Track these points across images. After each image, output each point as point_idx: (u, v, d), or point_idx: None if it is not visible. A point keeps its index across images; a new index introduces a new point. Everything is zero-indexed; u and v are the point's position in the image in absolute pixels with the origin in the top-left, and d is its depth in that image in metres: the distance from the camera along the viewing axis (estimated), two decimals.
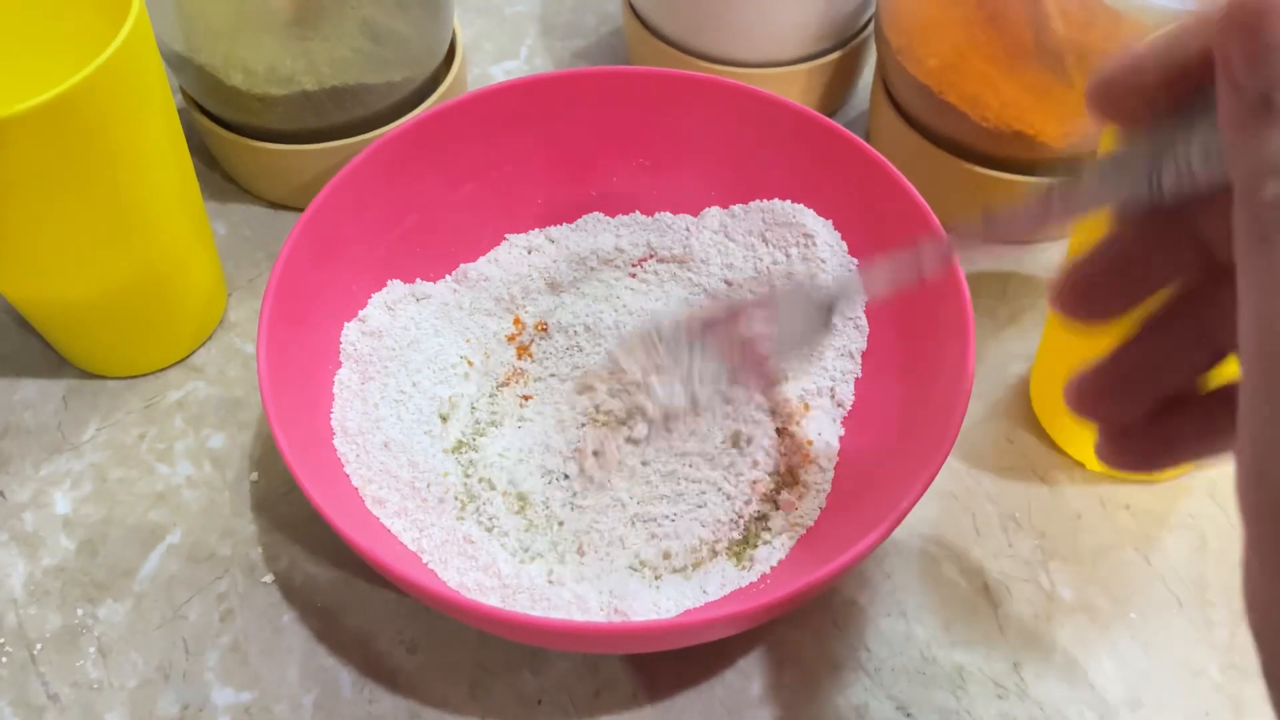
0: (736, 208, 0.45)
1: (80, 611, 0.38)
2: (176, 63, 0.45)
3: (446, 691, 0.37)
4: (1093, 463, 0.41)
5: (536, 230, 0.45)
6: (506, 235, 0.45)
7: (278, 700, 0.36)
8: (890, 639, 0.38)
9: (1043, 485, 0.41)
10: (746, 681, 0.37)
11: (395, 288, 0.42)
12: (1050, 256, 0.47)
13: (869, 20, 0.51)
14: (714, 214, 0.45)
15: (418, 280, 0.43)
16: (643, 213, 0.45)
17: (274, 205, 0.50)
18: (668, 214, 0.45)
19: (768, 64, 0.49)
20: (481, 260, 0.44)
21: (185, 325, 0.44)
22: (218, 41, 0.44)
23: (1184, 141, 0.21)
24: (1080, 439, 0.41)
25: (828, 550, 0.34)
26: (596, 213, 0.45)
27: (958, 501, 0.41)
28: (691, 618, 0.32)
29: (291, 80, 0.45)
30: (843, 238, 0.43)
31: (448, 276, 0.44)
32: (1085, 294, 0.25)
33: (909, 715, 0.36)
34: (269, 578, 0.39)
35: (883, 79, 0.49)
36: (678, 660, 0.37)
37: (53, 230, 0.37)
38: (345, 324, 0.41)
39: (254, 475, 0.42)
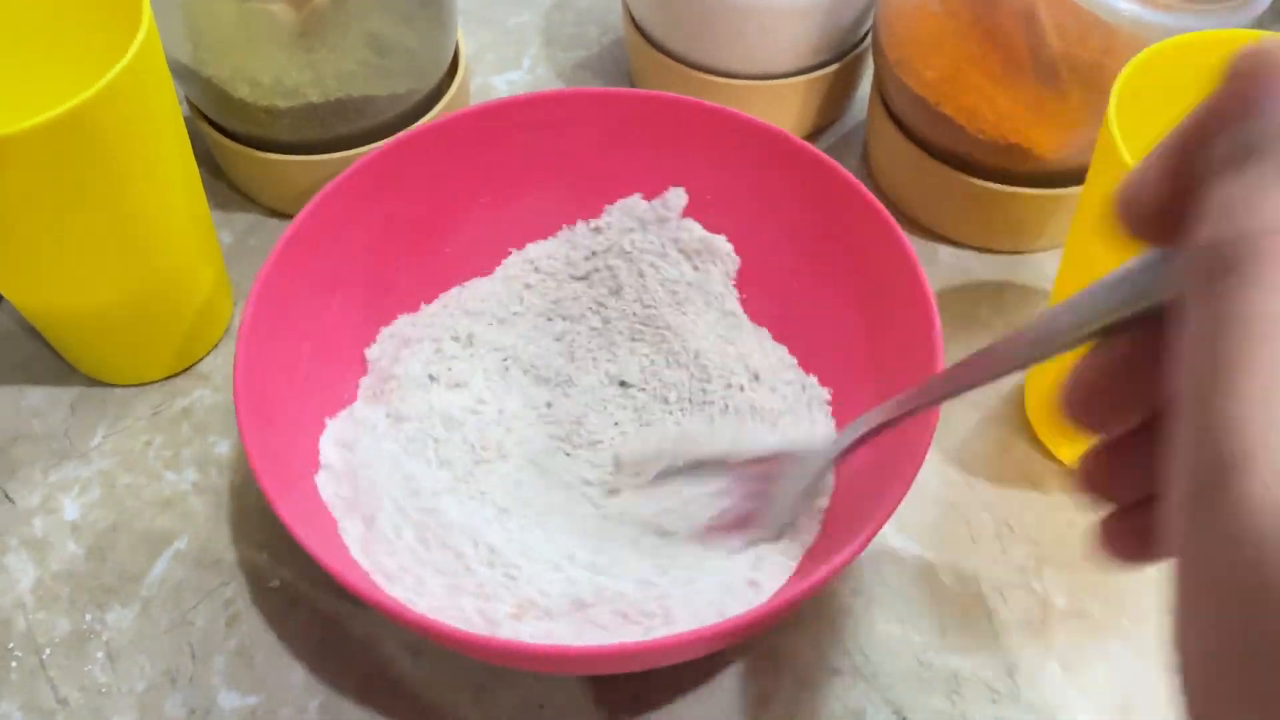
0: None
1: (88, 616, 0.39)
2: (183, 74, 0.46)
3: (450, 697, 0.37)
4: None
5: (404, 315, 0.44)
6: (379, 329, 0.43)
7: (283, 705, 0.37)
8: (886, 644, 0.38)
9: (1037, 493, 0.42)
10: (744, 686, 0.37)
11: (334, 425, 0.40)
12: (1049, 266, 0.48)
13: (867, 33, 0.52)
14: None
15: (340, 413, 0.41)
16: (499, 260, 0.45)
17: (279, 214, 0.51)
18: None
19: (766, 76, 0.50)
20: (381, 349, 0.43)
21: (192, 333, 0.45)
22: (225, 54, 0.44)
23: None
24: (1074, 447, 0.42)
25: (820, 561, 0.35)
26: (453, 288, 0.45)
27: (953, 509, 0.41)
28: (682, 638, 0.32)
29: (297, 92, 0.45)
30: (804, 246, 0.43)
31: (365, 380, 0.42)
32: (1087, 399, 0.22)
33: (905, 719, 0.37)
34: (275, 583, 0.40)
35: (880, 91, 0.49)
36: (676, 666, 0.38)
37: (62, 242, 0.37)
38: (314, 477, 0.39)
39: None
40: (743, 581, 0.36)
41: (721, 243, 0.44)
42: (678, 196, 0.44)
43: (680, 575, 0.37)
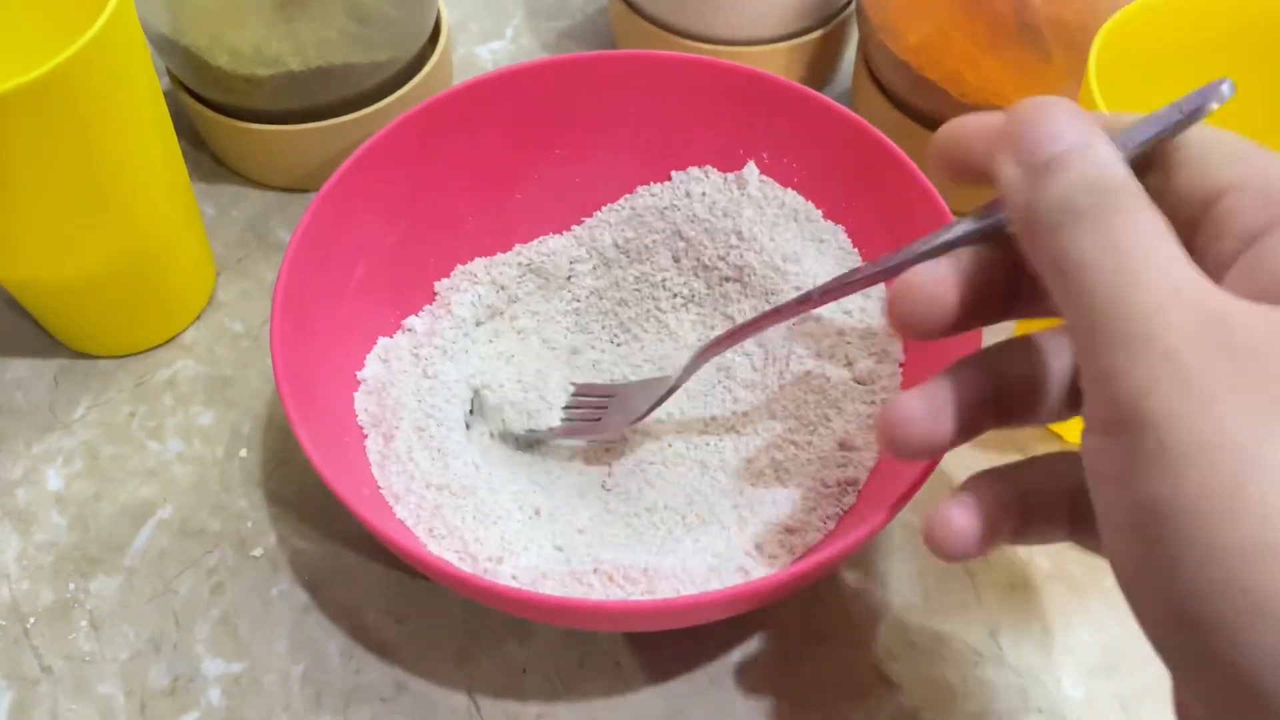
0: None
1: (72, 586, 0.39)
2: (163, 44, 0.46)
3: (433, 662, 0.37)
4: (1071, 435, 0.42)
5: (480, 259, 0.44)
6: (458, 265, 0.44)
7: (267, 671, 0.37)
8: (871, 608, 0.38)
9: (1020, 456, 0.41)
10: (729, 651, 0.37)
11: (382, 341, 0.41)
12: None
13: None
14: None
15: (401, 326, 0.42)
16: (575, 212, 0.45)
17: (262, 185, 0.51)
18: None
19: (751, 41, 0.50)
20: (449, 283, 0.43)
21: (174, 305, 0.45)
22: (203, 23, 0.44)
23: None
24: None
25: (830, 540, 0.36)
26: (520, 244, 0.45)
27: (937, 473, 0.41)
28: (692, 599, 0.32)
29: (277, 61, 0.45)
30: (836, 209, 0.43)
31: (426, 308, 0.43)
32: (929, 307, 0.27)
33: (889, 683, 0.37)
34: (258, 551, 0.40)
35: (864, 57, 0.49)
36: (661, 630, 0.38)
37: (39, 211, 0.37)
38: (354, 395, 0.39)
39: (243, 451, 0.42)
40: (776, 545, 0.37)
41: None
42: (751, 170, 0.44)
43: (675, 549, 0.37)
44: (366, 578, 0.39)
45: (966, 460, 0.42)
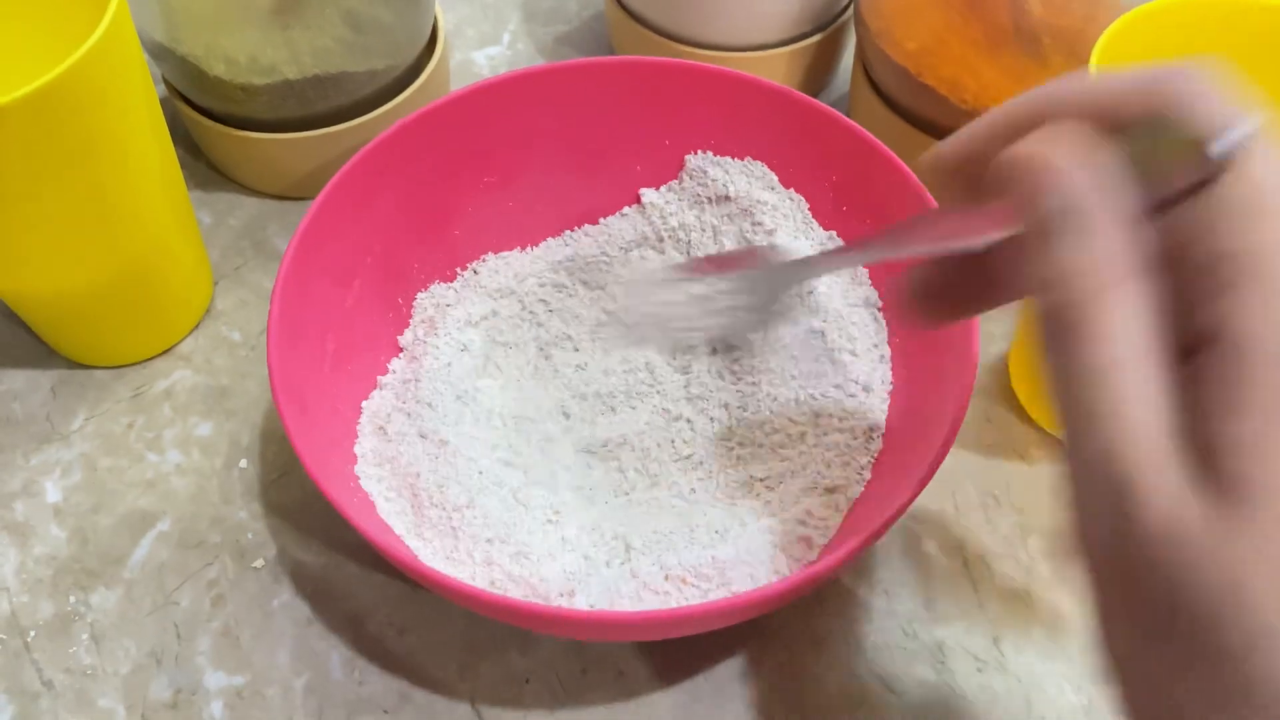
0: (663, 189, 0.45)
1: (72, 599, 0.39)
2: (158, 53, 0.46)
3: (436, 672, 0.37)
4: None
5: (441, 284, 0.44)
6: (415, 312, 0.43)
7: (269, 684, 0.37)
8: (872, 615, 0.38)
9: (1022, 463, 0.42)
10: (731, 658, 0.37)
11: (367, 408, 0.40)
12: None
13: (849, 3, 0.51)
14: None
15: (372, 394, 0.41)
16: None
17: (259, 194, 0.50)
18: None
19: (748, 47, 0.50)
20: (411, 335, 0.43)
21: (172, 314, 0.45)
22: (199, 31, 0.44)
23: None
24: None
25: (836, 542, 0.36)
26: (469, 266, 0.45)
27: (938, 479, 0.41)
28: (696, 609, 0.32)
29: (274, 70, 0.45)
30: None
31: (396, 359, 0.42)
32: (921, 303, 0.29)
33: (891, 690, 0.37)
34: (259, 563, 0.39)
35: (862, 62, 0.49)
36: (663, 639, 0.38)
37: (37, 222, 0.37)
38: (352, 469, 0.38)
39: (243, 462, 0.42)
40: (794, 538, 0.37)
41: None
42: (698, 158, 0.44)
43: (730, 538, 0.37)
44: (368, 588, 0.39)
45: (967, 464, 0.42)
